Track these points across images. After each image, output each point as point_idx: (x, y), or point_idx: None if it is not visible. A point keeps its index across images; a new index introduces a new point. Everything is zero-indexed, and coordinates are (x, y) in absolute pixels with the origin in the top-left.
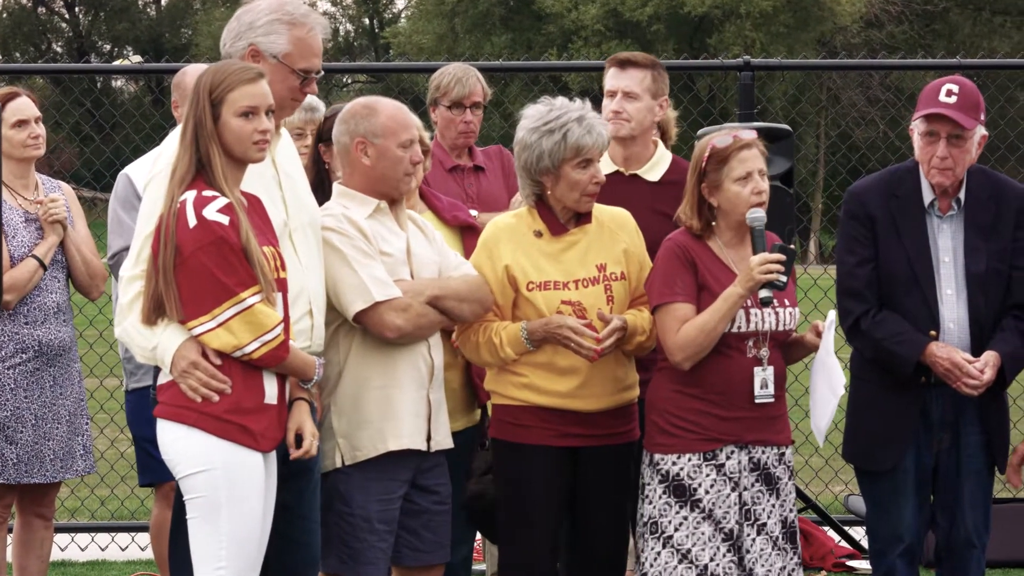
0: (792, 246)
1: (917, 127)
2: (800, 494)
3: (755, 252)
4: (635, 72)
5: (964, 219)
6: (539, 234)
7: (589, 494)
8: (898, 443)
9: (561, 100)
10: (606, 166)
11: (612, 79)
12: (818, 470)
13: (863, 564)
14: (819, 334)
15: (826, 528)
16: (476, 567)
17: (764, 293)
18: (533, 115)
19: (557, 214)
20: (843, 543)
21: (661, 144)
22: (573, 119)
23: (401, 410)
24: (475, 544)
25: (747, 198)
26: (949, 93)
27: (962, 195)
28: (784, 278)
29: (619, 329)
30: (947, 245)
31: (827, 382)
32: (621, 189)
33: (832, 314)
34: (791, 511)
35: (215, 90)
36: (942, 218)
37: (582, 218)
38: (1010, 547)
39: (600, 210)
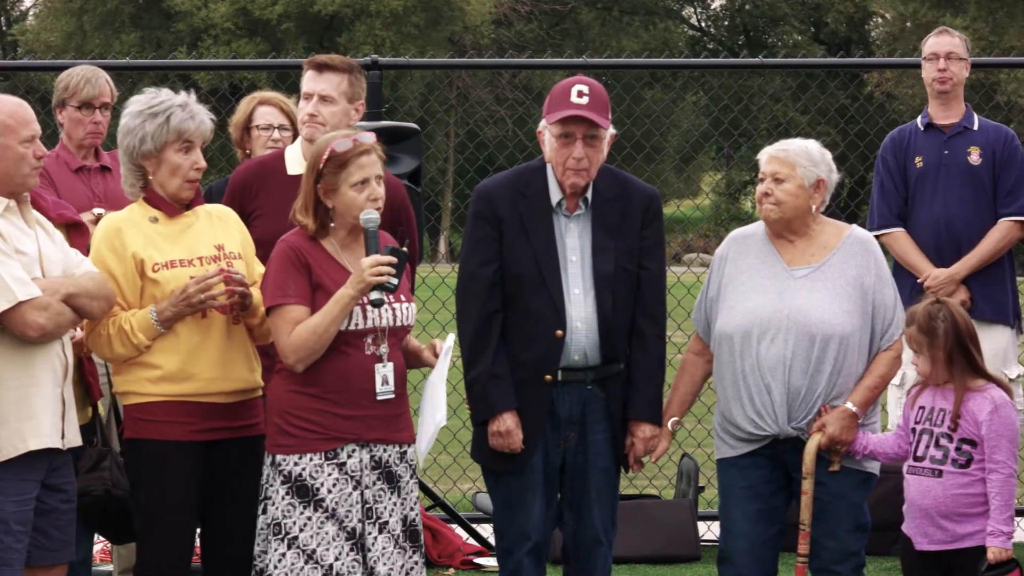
0: (405, 248)
1: (551, 129)
2: (428, 492)
3: (368, 254)
4: (332, 76)
5: (591, 219)
6: (155, 220)
7: (224, 489)
8: (526, 443)
9: (166, 91)
10: (300, 167)
11: (309, 82)
12: (446, 468)
13: (491, 561)
14: (436, 354)
15: (454, 526)
16: (104, 567)
17: (375, 295)
18: (138, 102)
19: (167, 199)
20: (471, 540)
21: None
22: (176, 104)
23: (39, 409)
24: (104, 544)
25: (362, 204)
26: (580, 94)
27: (589, 195)
28: (395, 280)
29: (244, 284)
30: (575, 244)
31: (431, 408)
32: None
33: (451, 338)
34: (412, 509)
35: None
36: (570, 217)
37: (192, 202)
38: (636, 544)
39: (205, 207)
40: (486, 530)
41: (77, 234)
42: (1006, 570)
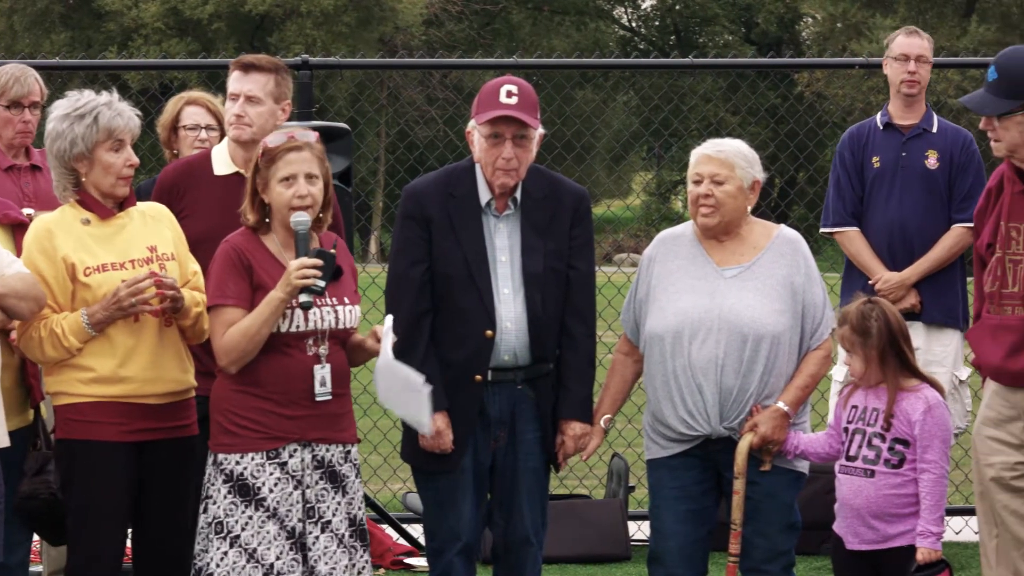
0: (333, 250)
1: (480, 130)
2: None
3: (297, 256)
4: (258, 76)
5: (521, 218)
6: (87, 222)
7: (154, 489)
8: (457, 443)
9: (88, 92)
10: (226, 167)
11: (235, 82)
12: (377, 468)
13: (421, 562)
14: (379, 339)
15: (384, 526)
16: (34, 568)
17: (303, 298)
18: (62, 106)
19: (100, 200)
20: (402, 541)
21: None
22: (102, 104)
23: None
24: (33, 546)
25: (288, 200)
26: (510, 94)
27: (519, 195)
28: (322, 283)
29: (175, 288)
30: (504, 244)
31: (404, 384)
32: (241, 191)
33: (389, 319)
34: (359, 509)
35: None
36: (499, 217)
37: (125, 203)
38: (567, 543)
39: (139, 206)
40: (416, 530)
41: (22, 233)
42: (936, 571)
